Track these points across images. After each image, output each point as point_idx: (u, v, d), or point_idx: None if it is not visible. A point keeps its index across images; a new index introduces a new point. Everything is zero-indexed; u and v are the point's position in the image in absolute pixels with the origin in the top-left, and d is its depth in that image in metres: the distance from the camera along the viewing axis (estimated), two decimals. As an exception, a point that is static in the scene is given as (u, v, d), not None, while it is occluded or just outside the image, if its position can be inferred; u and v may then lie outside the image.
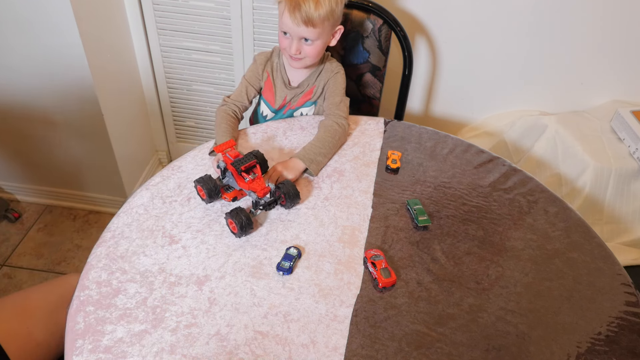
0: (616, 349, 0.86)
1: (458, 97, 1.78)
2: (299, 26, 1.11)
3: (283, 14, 1.11)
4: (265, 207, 1.02)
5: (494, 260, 0.99)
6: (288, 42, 1.15)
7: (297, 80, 1.26)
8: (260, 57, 1.27)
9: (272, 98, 1.29)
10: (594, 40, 1.58)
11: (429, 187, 1.13)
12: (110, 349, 0.81)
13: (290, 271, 0.93)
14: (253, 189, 0.99)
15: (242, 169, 1.00)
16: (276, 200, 1.03)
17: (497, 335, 0.87)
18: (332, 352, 0.82)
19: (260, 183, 1.00)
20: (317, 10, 1.09)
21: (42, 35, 1.48)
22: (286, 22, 1.11)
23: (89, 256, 0.95)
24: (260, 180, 1.00)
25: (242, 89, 1.27)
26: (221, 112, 1.23)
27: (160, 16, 1.70)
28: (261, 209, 1.01)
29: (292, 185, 1.03)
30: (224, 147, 1.04)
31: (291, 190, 1.02)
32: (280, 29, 1.15)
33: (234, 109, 1.24)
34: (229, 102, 1.25)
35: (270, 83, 1.27)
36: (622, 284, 0.97)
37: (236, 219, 0.96)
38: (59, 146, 1.77)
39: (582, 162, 1.52)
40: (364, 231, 1.02)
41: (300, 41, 1.14)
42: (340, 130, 1.19)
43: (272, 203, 1.02)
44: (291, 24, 1.11)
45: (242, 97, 1.26)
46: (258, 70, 1.27)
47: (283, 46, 1.17)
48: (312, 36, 1.13)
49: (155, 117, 2.00)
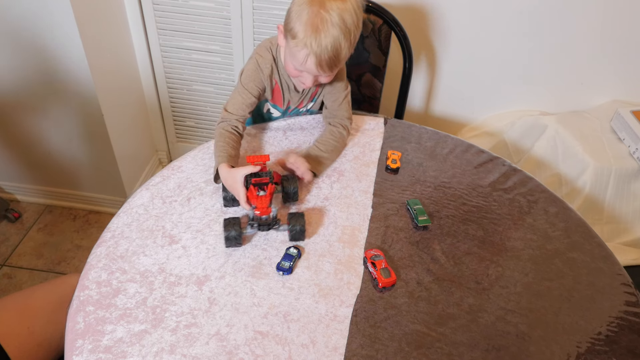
0: (616, 349, 0.86)
1: (458, 97, 1.78)
2: (324, 71, 1.02)
3: (306, 60, 1.00)
4: (257, 227, 0.97)
5: (494, 260, 0.99)
6: (305, 76, 1.06)
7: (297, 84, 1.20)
8: (266, 65, 1.13)
9: (280, 101, 1.22)
10: (594, 40, 1.58)
11: (429, 187, 1.13)
12: (110, 349, 0.81)
13: (290, 271, 0.93)
14: (255, 204, 0.96)
15: (252, 181, 0.97)
16: (269, 225, 0.98)
17: (497, 335, 0.87)
18: (332, 352, 0.82)
19: (264, 201, 0.95)
20: (347, 51, 1.01)
21: (43, 35, 1.48)
22: (309, 67, 1.01)
23: (89, 256, 0.95)
24: (266, 199, 0.95)
25: (242, 100, 1.13)
26: (221, 131, 1.10)
27: (160, 16, 1.70)
28: (254, 227, 0.97)
29: (301, 223, 0.97)
30: (256, 159, 0.99)
31: (298, 228, 0.97)
32: (293, 64, 1.04)
33: (235, 124, 1.11)
34: (230, 119, 1.12)
35: (278, 89, 1.19)
36: (622, 284, 0.97)
37: (225, 230, 0.94)
38: (59, 146, 1.77)
39: (582, 162, 1.52)
40: (364, 231, 1.02)
41: (319, 76, 1.06)
42: (345, 133, 1.19)
43: (265, 226, 0.97)
44: (315, 70, 1.02)
45: (242, 109, 1.13)
46: (263, 81, 1.14)
47: (294, 75, 1.09)
48: (334, 73, 1.07)
49: (155, 117, 2.00)
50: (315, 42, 0.97)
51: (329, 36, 0.96)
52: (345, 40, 0.98)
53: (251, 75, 1.13)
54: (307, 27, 0.97)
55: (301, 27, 0.97)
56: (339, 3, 0.97)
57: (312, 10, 0.97)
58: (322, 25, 0.96)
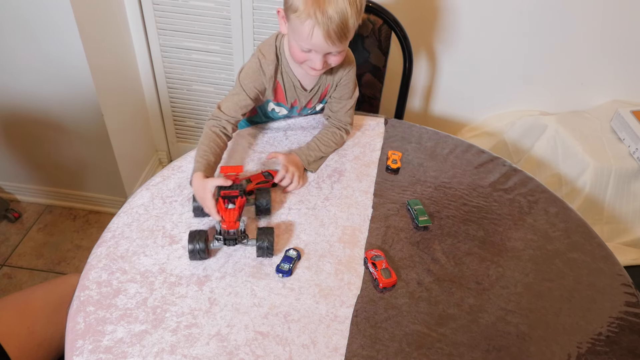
0: (616, 349, 0.86)
1: (458, 97, 1.78)
2: (334, 44, 0.95)
3: (311, 33, 0.93)
4: (225, 241, 0.94)
5: (494, 260, 0.99)
6: (313, 58, 0.99)
7: (310, 84, 1.15)
8: (268, 66, 1.08)
9: (283, 99, 1.17)
10: (594, 40, 1.58)
11: (429, 187, 1.13)
12: (110, 349, 0.81)
13: (289, 273, 0.93)
14: (223, 216, 0.92)
15: (222, 194, 0.93)
16: (236, 240, 0.94)
17: (497, 336, 0.87)
18: (333, 353, 0.82)
19: (232, 215, 0.92)
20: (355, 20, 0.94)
21: (43, 36, 1.47)
22: (316, 41, 0.94)
23: (89, 256, 0.95)
24: (234, 213, 0.92)
25: (237, 100, 1.08)
26: (209, 131, 1.06)
27: (160, 16, 1.69)
28: (219, 240, 0.94)
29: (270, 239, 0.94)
30: (229, 170, 0.96)
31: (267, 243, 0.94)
32: (299, 45, 0.98)
33: (226, 126, 1.07)
34: (221, 118, 1.07)
35: (280, 89, 1.14)
36: (622, 284, 0.97)
37: (190, 243, 0.91)
38: (59, 146, 1.77)
39: (582, 162, 1.52)
40: (364, 231, 1.02)
41: (328, 55, 1.00)
42: (345, 137, 1.19)
43: (232, 241, 0.94)
44: (324, 44, 0.94)
45: (235, 110, 1.08)
46: (264, 83, 1.10)
47: (302, 60, 1.02)
48: (343, 46, 0.99)
49: (155, 117, 2.00)
50: (319, 11, 0.90)
51: (333, 3, 0.90)
52: (351, 7, 0.92)
53: (251, 76, 1.08)
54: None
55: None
56: None
57: None
58: None
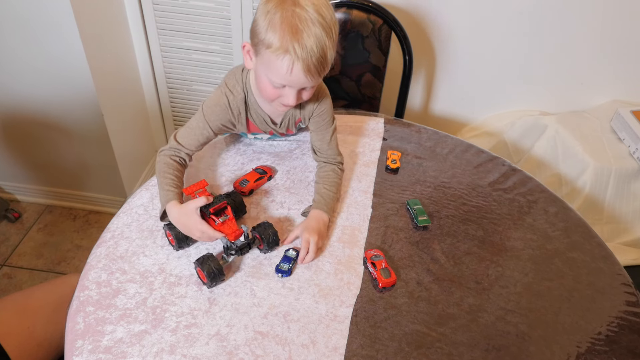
0: (616, 348, 0.86)
1: (458, 97, 1.78)
2: (313, 78, 0.88)
3: (291, 69, 0.85)
4: (238, 251, 0.91)
5: (493, 260, 0.99)
6: (287, 93, 0.91)
7: (278, 117, 1.07)
8: (236, 104, 1.01)
9: (258, 130, 1.11)
10: (594, 40, 1.58)
11: (428, 187, 1.13)
12: (110, 349, 0.81)
13: (289, 273, 0.93)
14: (224, 232, 0.89)
15: (210, 211, 0.90)
16: (249, 244, 0.92)
17: (497, 335, 0.87)
18: (332, 352, 0.82)
19: (231, 225, 0.89)
20: (332, 52, 0.88)
21: (43, 36, 1.48)
22: (295, 77, 0.87)
23: (89, 256, 0.95)
24: (232, 222, 0.90)
25: (198, 133, 1.00)
26: (167, 159, 0.98)
27: (160, 16, 1.70)
28: (233, 254, 0.91)
29: (271, 229, 0.94)
30: (195, 189, 0.91)
31: (271, 235, 0.93)
32: (272, 81, 0.89)
33: (185, 157, 1.01)
34: (181, 150, 1.00)
35: (252, 124, 1.07)
36: (622, 283, 0.97)
37: (204, 268, 0.87)
38: (59, 146, 1.77)
39: (582, 162, 1.52)
40: (363, 231, 1.02)
41: (302, 90, 0.92)
42: (341, 174, 1.10)
43: (246, 247, 0.92)
44: (303, 78, 0.87)
45: (194, 144, 1.01)
46: (231, 119, 1.03)
47: (274, 97, 0.93)
48: (320, 80, 0.93)
49: (155, 117, 2.00)
50: (298, 45, 0.83)
51: (311, 35, 0.83)
52: (328, 39, 0.85)
53: (218, 112, 1.00)
54: (284, 31, 0.83)
55: (277, 33, 0.83)
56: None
57: (284, 10, 0.83)
58: (301, 24, 0.83)
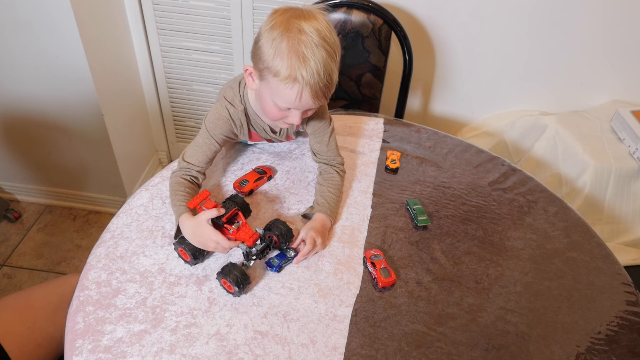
0: (616, 348, 0.86)
1: (458, 97, 1.78)
2: (320, 101, 0.90)
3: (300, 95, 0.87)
4: (259, 255, 0.91)
5: (493, 259, 0.99)
6: (292, 114, 0.93)
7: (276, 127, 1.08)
8: (238, 117, 1.02)
9: (260, 139, 1.12)
10: (594, 40, 1.58)
11: (428, 187, 1.13)
12: (110, 349, 0.81)
13: (277, 268, 0.93)
14: (241, 239, 0.88)
15: (223, 220, 0.89)
16: (269, 245, 0.93)
17: (496, 335, 0.87)
18: (332, 352, 0.82)
19: (247, 231, 0.89)
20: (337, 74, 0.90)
21: (43, 36, 1.48)
22: (305, 102, 0.89)
23: (89, 256, 0.95)
24: (246, 227, 0.89)
25: (206, 151, 1.02)
26: (179, 179, 0.99)
27: (160, 16, 1.70)
28: (254, 258, 0.91)
29: (282, 223, 0.94)
30: (199, 201, 0.89)
31: (283, 228, 0.94)
32: (278, 105, 0.91)
33: (197, 176, 1.02)
34: (192, 169, 1.01)
35: (254, 133, 1.09)
36: (622, 283, 0.97)
37: (230, 278, 0.86)
38: (59, 146, 1.77)
39: (582, 162, 1.52)
40: (363, 231, 1.02)
41: (307, 110, 0.94)
42: (344, 176, 1.11)
43: (265, 249, 0.92)
44: (310, 103, 0.89)
45: (204, 160, 1.02)
46: (234, 130, 1.04)
47: (278, 118, 0.95)
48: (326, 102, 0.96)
49: (155, 117, 2.00)
50: (306, 72, 0.85)
51: (318, 61, 0.85)
52: (333, 63, 0.88)
53: (221, 125, 1.02)
54: (291, 59, 0.85)
55: (284, 61, 0.85)
56: (312, 22, 0.86)
57: (290, 38, 0.85)
58: (307, 50, 0.84)
